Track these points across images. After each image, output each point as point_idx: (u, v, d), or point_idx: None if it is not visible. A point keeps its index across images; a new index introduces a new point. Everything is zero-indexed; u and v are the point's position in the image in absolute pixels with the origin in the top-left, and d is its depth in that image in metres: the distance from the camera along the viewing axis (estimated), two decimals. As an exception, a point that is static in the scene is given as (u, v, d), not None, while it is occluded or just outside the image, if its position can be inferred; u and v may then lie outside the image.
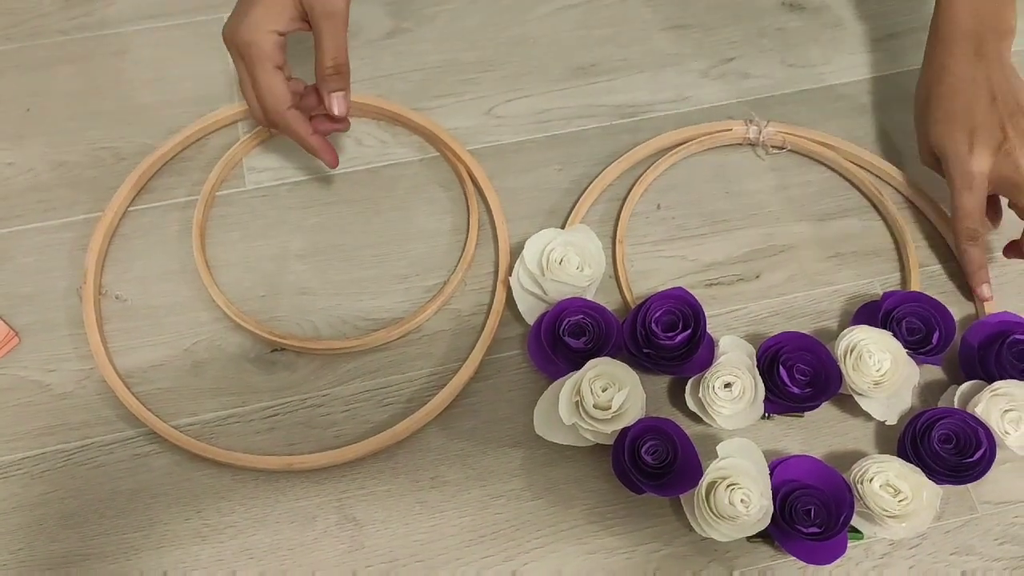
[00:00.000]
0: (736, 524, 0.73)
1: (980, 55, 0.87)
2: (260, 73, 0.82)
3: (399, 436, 0.81)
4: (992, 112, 0.86)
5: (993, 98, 0.86)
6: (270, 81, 0.82)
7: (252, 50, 0.81)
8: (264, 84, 0.82)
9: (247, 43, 0.80)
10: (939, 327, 0.82)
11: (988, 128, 0.86)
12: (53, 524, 0.79)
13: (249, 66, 0.82)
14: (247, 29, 0.80)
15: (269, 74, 0.82)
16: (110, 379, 0.83)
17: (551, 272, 0.83)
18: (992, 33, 0.87)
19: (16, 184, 0.94)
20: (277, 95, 0.83)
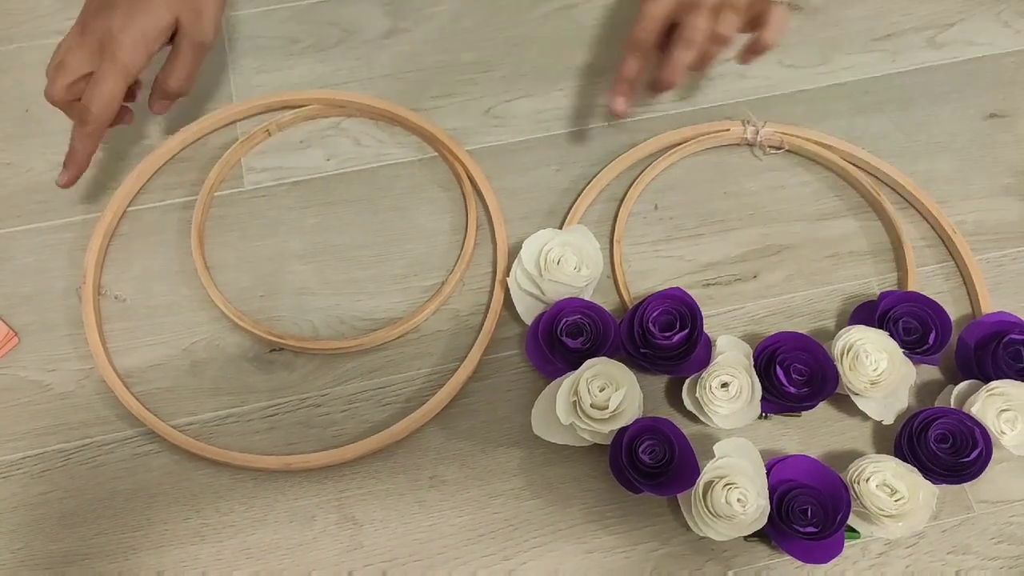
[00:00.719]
0: (733, 523, 0.73)
1: None
2: (117, 82, 0.82)
3: (398, 436, 0.82)
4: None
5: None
6: (118, 93, 0.82)
7: (125, 61, 0.81)
8: (112, 92, 0.82)
9: (126, 54, 0.81)
10: (935, 327, 0.82)
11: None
12: (52, 523, 0.79)
13: (108, 69, 0.81)
14: (132, 43, 0.81)
15: (121, 86, 0.82)
16: (109, 379, 0.83)
17: (549, 272, 0.83)
18: None
19: (15, 184, 0.94)
20: (114, 108, 0.83)
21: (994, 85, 1.02)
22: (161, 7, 0.82)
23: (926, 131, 0.99)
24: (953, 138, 0.99)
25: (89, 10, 0.83)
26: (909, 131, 0.99)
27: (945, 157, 0.97)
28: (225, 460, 0.81)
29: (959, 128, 0.99)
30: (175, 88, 0.86)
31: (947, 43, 1.05)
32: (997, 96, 1.01)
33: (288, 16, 1.05)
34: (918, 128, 0.99)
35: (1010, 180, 0.96)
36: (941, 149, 0.98)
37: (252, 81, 1.00)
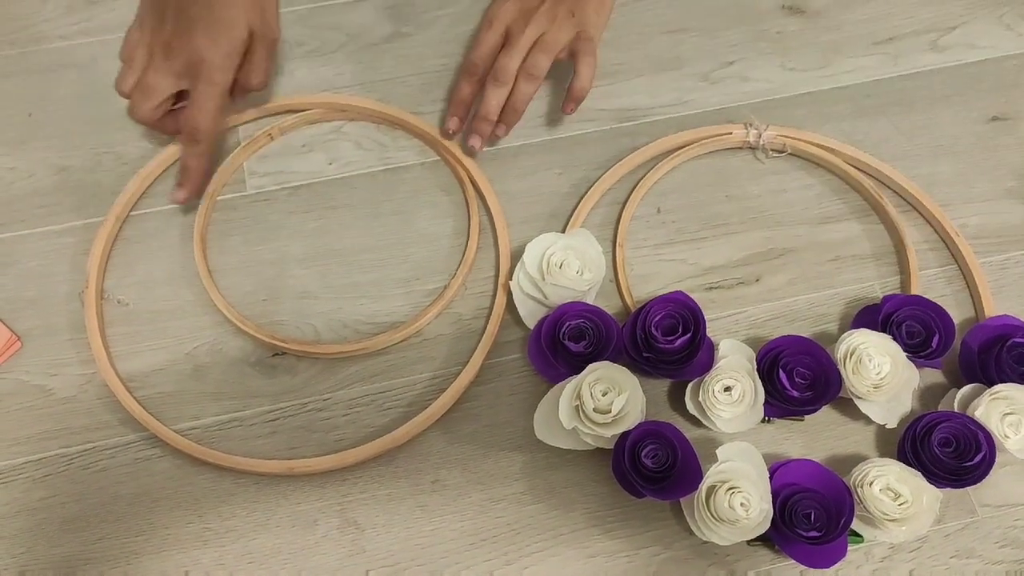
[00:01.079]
0: (736, 528, 0.73)
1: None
2: (217, 101, 0.87)
3: (400, 440, 0.82)
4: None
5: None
6: (220, 110, 0.88)
7: (219, 80, 0.86)
8: (216, 111, 0.87)
9: (211, 71, 0.85)
10: (939, 331, 0.82)
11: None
12: (55, 528, 0.79)
13: (208, 91, 0.86)
14: (222, 62, 0.85)
15: (221, 104, 0.87)
16: (112, 383, 0.83)
17: (551, 276, 0.83)
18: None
19: (18, 189, 0.94)
20: (220, 123, 0.89)
21: (996, 88, 1.02)
22: (239, 21, 0.85)
23: (928, 134, 0.99)
24: (955, 141, 0.99)
25: (165, 31, 0.85)
26: (911, 134, 0.99)
27: (947, 160, 0.97)
28: (227, 465, 0.81)
29: (961, 131, 0.99)
30: (258, 85, 0.90)
31: (949, 46, 1.05)
32: (999, 99, 1.01)
33: (291, 20, 1.04)
34: (920, 131, 0.99)
35: (1013, 183, 0.96)
36: (943, 152, 0.98)
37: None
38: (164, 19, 0.84)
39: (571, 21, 0.93)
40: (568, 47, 0.93)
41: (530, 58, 0.92)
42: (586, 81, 0.92)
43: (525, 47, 0.92)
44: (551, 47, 0.92)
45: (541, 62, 0.91)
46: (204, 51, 0.83)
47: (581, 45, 0.93)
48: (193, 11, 0.83)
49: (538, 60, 0.91)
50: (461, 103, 0.95)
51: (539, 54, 0.91)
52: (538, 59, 0.91)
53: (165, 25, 0.84)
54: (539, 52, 0.91)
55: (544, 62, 0.92)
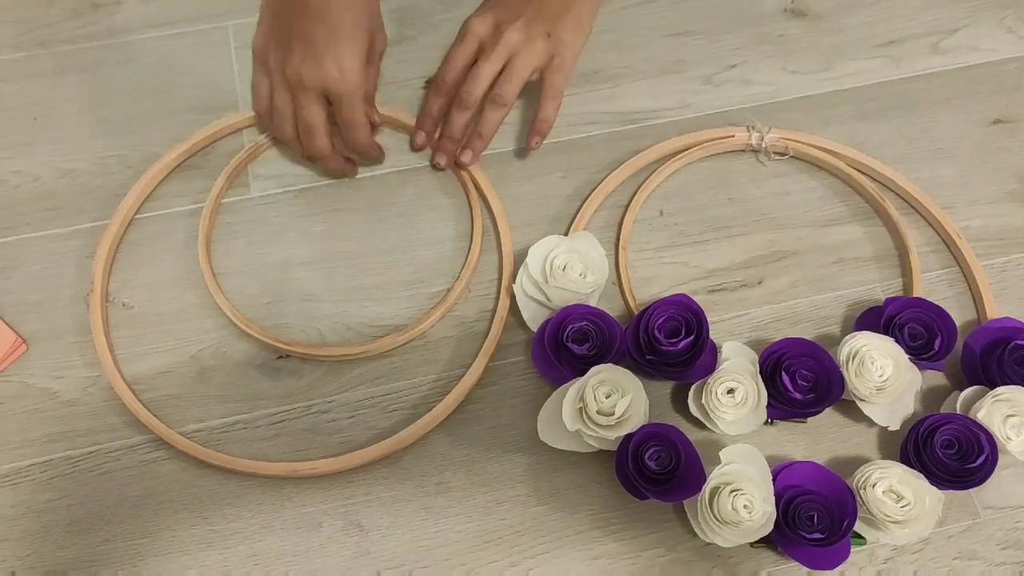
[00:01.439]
0: (739, 530, 0.73)
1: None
2: (360, 115, 0.89)
3: (404, 442, 0.82)
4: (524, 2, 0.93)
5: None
6: (366, 121, 0.90)
7: (357, 97, 0.87)
8: (363, 123, 0.90)
9: (352, 91, 0.87)
10: (941, 333, 0.82)
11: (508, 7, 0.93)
12: (60, 530, 0.79)
13: (350, 111, 0.88)
14: (351, 79, 0.86)
15: (364, 115, 0.90)
16: (117, 386, 0.83)
17: (554, 279, 0.83)
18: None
19: (23, 192, 0.94)
20: (369, 131, 0.92)
21: (998, 91, 1.02)
22: (361, 40, 0.87)
23: (930, 137, 0.99)
24: (957, 144, 0.99)
25: (293, 64, 0.86)
26: (913, 137, 0.99)
27: (949, 163, 0.97)
28: (232, 467, 0.81)
29: (963, 134, 0.99)
30: (371, 93, 0.94)
31: (951, 49, 1.05)
32: (1001, 102, 1.02)
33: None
34: (922, 134, 0.99)
35: (1015, 186, 0.96)
36: (945, 155, 0.98)
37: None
38: (291, 50, 0.85)
39: (545, 43, 0.92)
40: (540, 69, 0.93)
41: (497, 86, 0.91)
42: (549, 115, 0.93)
43: (492, 71, 0.91)
44: (519, 74, 0.91)
45: (508, 91, 0.91)
46: (337, 75, 0.85)
47: (549, 76, 0.93)
48: (319, 39, 0.84)
49: (504, 89, 0.91)
50: (428, 118, 0.96)
51: (505, 84, 0.91)
52: (504, 88, 0.91)
53: (293, 58, 0.85)
54: (506, 82, 0.91)
55: (511, 90, 0.91)
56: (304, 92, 0.86)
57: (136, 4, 1.06)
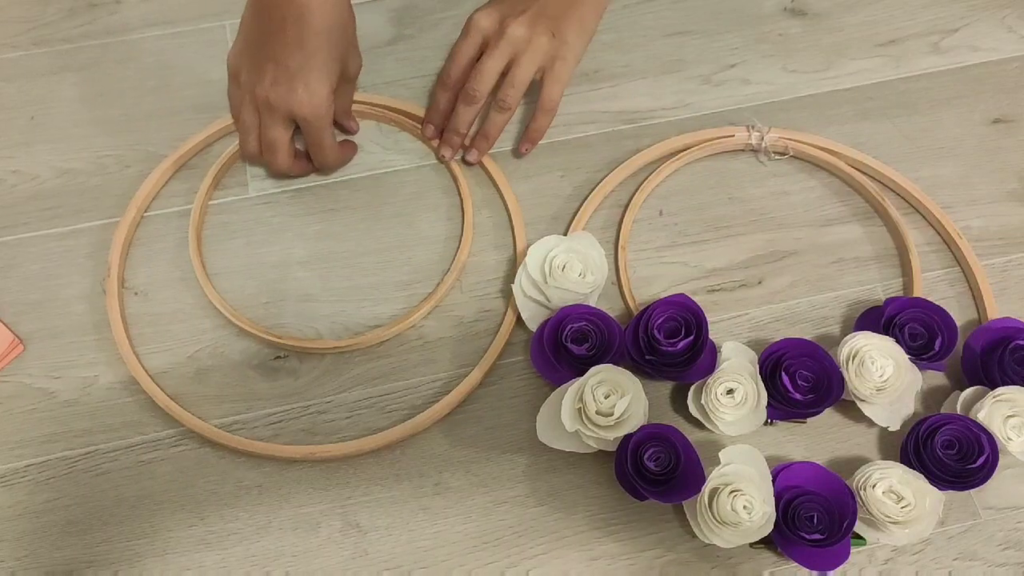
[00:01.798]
0: (739, 530, 0.73)
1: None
2: (327, 137, 0.90)
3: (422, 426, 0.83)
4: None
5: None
6: (334, 141, 0.92)
7: (324, 121, 0.88)
8: (331, 145, 0.91)
9: (319, 116, 0.87)
10: (941, 333, 0.82)
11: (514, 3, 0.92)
12: (57, 531, 0.79)
13: (317, 134, 0.89)
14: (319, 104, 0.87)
15: (332, 135, 0.91)
16: (133, 368, 0.84)
17: (554, 279, 0.83)
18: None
19: (21, 192, 0.94)
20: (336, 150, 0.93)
21: (999, 90, 1.02)
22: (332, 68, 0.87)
23: (930, 136, 0.99)
24: (958, 143, 0.99)
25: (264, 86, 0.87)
26: (913, 136, 0.99)
27: (950, 162, 0.97)
28: (250, 451, 0.81)
29: (964, 133, 0.99)
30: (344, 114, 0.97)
31: (951, 48, 1.05)
32: (1002, 101, 1.01)
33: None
34: (922, 133, 0.99)
35: (1015, 185, 0.96)
36: (946, 154, 0.98)
37: (257, 88, 1.00)
38: (264, 74, 0.86)
39: (550, 41, 0.91)
40: (543, 69, 0.92)
41: (501, 90, 0.92)
42: (542, 127, 0.94)
43: (496, 67, 0.91)
44: (523, 77, 0.91)
45: (512, 95, 0.92)
46: (306, 101, 0.86)
47: (547, 86, 0.93)
48: (293, 65, 0.85)
49: (508, 94, 0.91)
50: (437, 111, 0.96)
51: (509, 88, 0.91)
52: (508, 93, 0.91)
53: (264, 80, 0.86)
54: (509, 86, 0.91)
55: (515, 95, 0.92)
56: (271, 113, 0.87)
57: (134, 3, 1.06)
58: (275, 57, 0.85)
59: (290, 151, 0.90)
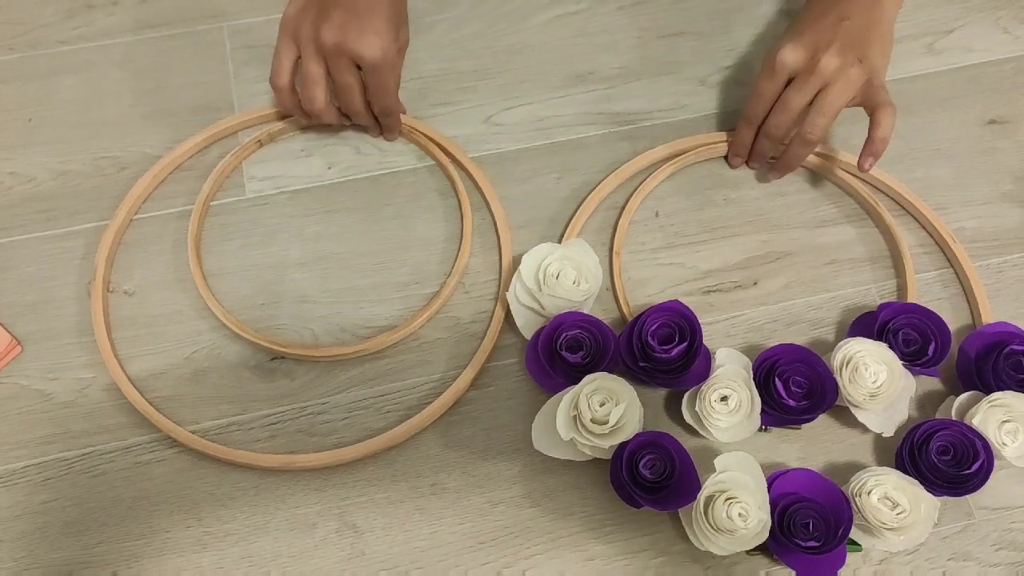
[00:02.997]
0: (734, 538, 0.74)
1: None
2: (391, 82, 0.90)
3: (399, 439, 0.82)
4: (831, 27, 0.89)
5: (841, 19, 0.89)
6: (396, 85, 0.92)
7: (390, 64, 0.88)
8: (395, 87, 0.92)
9: (387, 59, 0.87)
10: (935, 339, 0.82)
11: (817, 34, 0.88)
12: (55, 532, 0.80)
13: (382, 77, 0.89)
14: (387, 46, 0.87)
15: (395, 80, 0.91)
16: (116, 375, 0.84)
17: (548, 287, 0.83)
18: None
19: (18, 193, 0.94)
20: (397, 95, 0.93)
21: (993, 91, 1.02)
22: (398, 15, 0.90)
23: (925, 137, 0.99)
24: (953, 144, 0.99)
25: (333, 26, 0.87)
26: (908, 138, 0.99)
27: (945, 163, 0.97)
28: (230, 459, 0.81)
29: (959, 134, 0.99)
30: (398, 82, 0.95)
31: (946, 49, 1.05)
32: (996, 102, 1.02)
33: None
34: (917, 135, 0.99)
35: (1010, 186, 0.96)
36: (941, 155, 0.98)
37: (254, 91, 1.00)
38: (331, 19, 0.86)
39: (859, 68, 0.87)
40: (859, 96, 0.89)
41: (808, 121, 0.88)
42: (887, 131, 0.88)
43: (803, 101, 0.88)
44: (833, 105, 0.87)
45: (820, 124, 0.88)
46: (376, 43, 0.86)
47: (876, 95, 0.88)
48: (360, 8, 0.86)
49: (816, 122, 0.88)
50: (741, 145, 0.95)
51: (818, 117, 0.87)
52: (816, 122, 0.88)
53: (332, 24, 0.86)
54: (818, 115, 0.87)
55: (823, 124, 0.88)
56: (339, 58, 0.87)
57: (131, 5, 1.05)
58: (342, 3, 0.85)
59: (363, 96, 0.91)
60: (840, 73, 0.87)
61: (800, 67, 0.88)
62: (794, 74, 0.89)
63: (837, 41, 0.87)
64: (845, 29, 0.88)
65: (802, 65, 0.88)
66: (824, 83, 0.87)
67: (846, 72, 0.86)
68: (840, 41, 0.87)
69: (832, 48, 0.87)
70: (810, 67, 0.87)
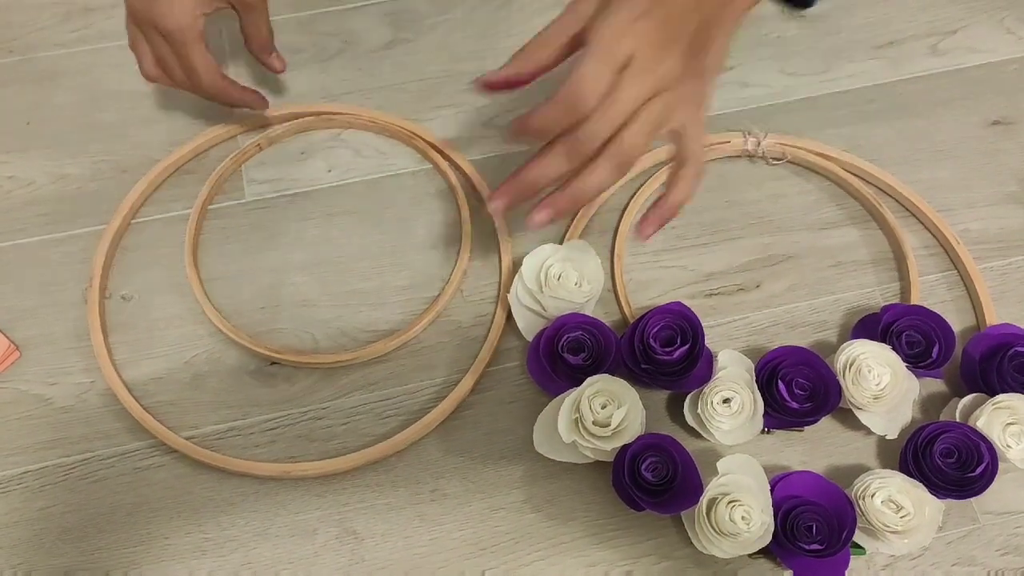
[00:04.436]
0: (737, 541, 0.73)
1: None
2: (195, 55, 0.85)
3: (398, 446, 0.82)
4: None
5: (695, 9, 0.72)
6: (205, 60, 0.86)
7: (186, 34, 0.84)
8: (200, 63, 0.86)
9: (180, 28, 0.83)
10: (939, 341, 0.82)
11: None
12: (53, 538, 0.79)
13: (180, 47, 0.84)
14: (179, 13, 0.83)
15: (203, 55, 0.86)
16: (111, 381, 0.83)
17: (549, 289, 0.83)
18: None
19: (17, 197, 0.94)
20: (212, 70, 0.87)
21: (997, 92, 1.02)
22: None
23: (929, 139, 0.99)
24: (956, 146, 0.98)
25: None
26: (912, 139, 0.98)
27: (948, 165, 0.97)
28: (226, 467, 0.81)
29: (962, 135, 0.99)
30: (256, 47, 0.91)
31: (949, 50, 1.05)
32: (1000, 103, 1.01)
33: (290, 26, 1.04)
34: (921, 136, 0.99)
35: (1014, 188, 0.96)
36: (944, 157, 0.98)
37: (253, 92, 1.00)
38: None
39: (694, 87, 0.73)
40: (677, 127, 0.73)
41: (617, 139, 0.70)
42: (685, 195, 0.74)
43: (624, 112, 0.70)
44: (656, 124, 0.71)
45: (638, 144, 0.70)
46: (166, 12, 0.82)
47: (688, 141, 0.74)
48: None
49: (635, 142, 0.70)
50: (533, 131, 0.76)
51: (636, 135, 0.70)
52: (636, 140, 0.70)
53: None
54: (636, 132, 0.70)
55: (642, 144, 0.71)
56: (144, 27, 0.85)
57: (129, 7, 1.05)
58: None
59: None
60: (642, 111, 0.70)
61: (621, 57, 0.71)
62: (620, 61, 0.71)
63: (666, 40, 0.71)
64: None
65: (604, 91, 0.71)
66: (624, 120, 0.70)
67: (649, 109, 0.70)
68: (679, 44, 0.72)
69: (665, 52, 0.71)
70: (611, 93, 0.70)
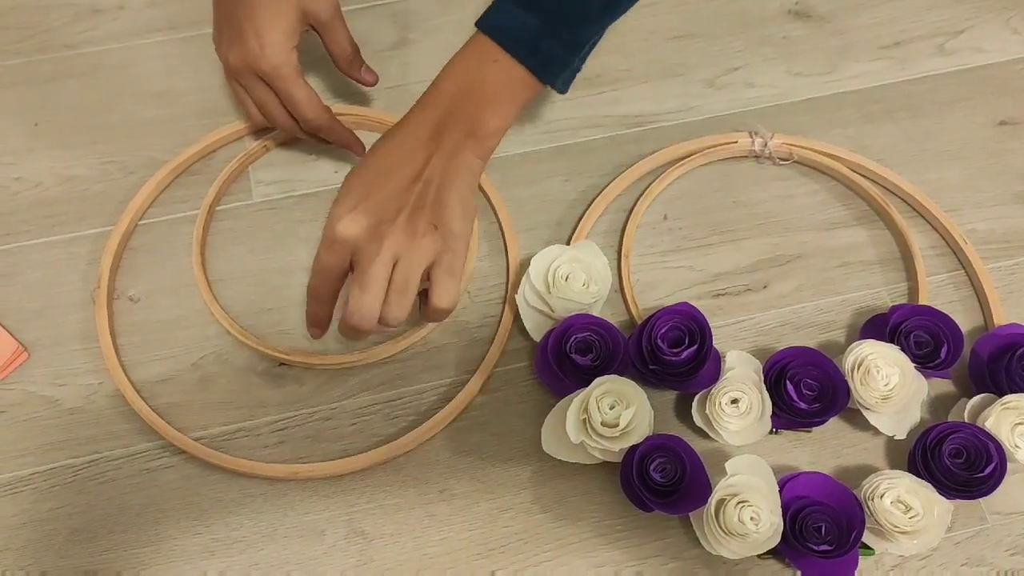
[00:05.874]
0: (746, 542, 0.73)
1: (437, 136, 0.76)
2: (297, 90, 0.86)
3: (406, 447, 0.82)
4: (403, 192, 0.74)
5: (415, 180, 0.74)
6: (308, 93, 0.87)
7: (282, 71, 0.85)
8: (303, 98, 0.86)
9: (274, 66, 0.84)
10: (947, 341, 0.82)
11: (382, 201, 0.74)
12: (62, 539, 0.79)
13: (281, 85, 0.85)
14: (271, 53, 0.83)
15: (303, 87, 0.86)
16: (119, 382, 0.84)
17: (557, 289, 0.83)
18: (460, 124, 0.76)
19: (24, 199, 0.94)
20: (317, 104, 0.87)
21: (1004, 92, 1.02)
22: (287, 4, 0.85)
23: (936, 139, 0.98)
24: (963, 146, 0.98)
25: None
26: (918, 139, 0.98)
27: (955, 165, 0.97)
28: (234, 468, 0.81)
29: (969, 136, 0.99)
30: (344, 58, 0.92)
31: (956, 50, 1.05)
32: (1007, 103, 1.01)
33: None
34: (927, 136, 0.99)
35: (1021, 188, 0.96)
36: (951, 157, 0.97)
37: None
38: (222, 38, 0.87)
39: (433, 238, 0.73)
40: (428, 270, 0.75)
41: (384, 312, 0.73)
42: (450, 300, 0.75)
43: (377, 296, 0.73)
44: (409, 291, 0.73)
45: (398, 316, 0.74)
46: (259, 53, 0.84)
47: (444, 261, 0.74)
48: (241, 18, 0.84)
49: (394, 315, 0.73)
50: (320, 320, 0.80)
51: (395, 308, 0.73)
52: (394, 314, 0.73)
53: (223, 44, 0.86)
54: (395, 305, 0.73)
55: (401, 315, 0.74)
56: (242, 75, 0.86)
57: (138, 9, 1.05)
58: (227, 17, 0.84)
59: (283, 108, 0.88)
60: (409, 246, 0.73)
61: (362, 241, 0.73)
62: (357, 248, 0.73)
63: (405, 215, 0.73)
64: (418, 197, 0.74)
65: (364, 239, 0.73)
66: (395, 259, 0.73)
67: (417, 243, 0.73)
68: (412, 207, 0.73)
69: (400, 218, 0.73)
70: (375, 243, 0.72)
